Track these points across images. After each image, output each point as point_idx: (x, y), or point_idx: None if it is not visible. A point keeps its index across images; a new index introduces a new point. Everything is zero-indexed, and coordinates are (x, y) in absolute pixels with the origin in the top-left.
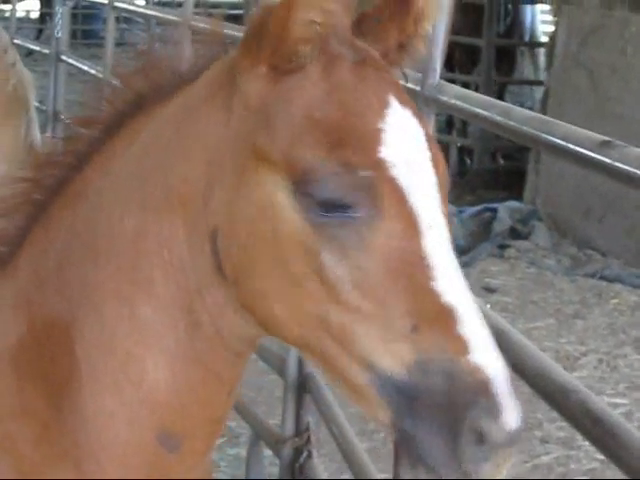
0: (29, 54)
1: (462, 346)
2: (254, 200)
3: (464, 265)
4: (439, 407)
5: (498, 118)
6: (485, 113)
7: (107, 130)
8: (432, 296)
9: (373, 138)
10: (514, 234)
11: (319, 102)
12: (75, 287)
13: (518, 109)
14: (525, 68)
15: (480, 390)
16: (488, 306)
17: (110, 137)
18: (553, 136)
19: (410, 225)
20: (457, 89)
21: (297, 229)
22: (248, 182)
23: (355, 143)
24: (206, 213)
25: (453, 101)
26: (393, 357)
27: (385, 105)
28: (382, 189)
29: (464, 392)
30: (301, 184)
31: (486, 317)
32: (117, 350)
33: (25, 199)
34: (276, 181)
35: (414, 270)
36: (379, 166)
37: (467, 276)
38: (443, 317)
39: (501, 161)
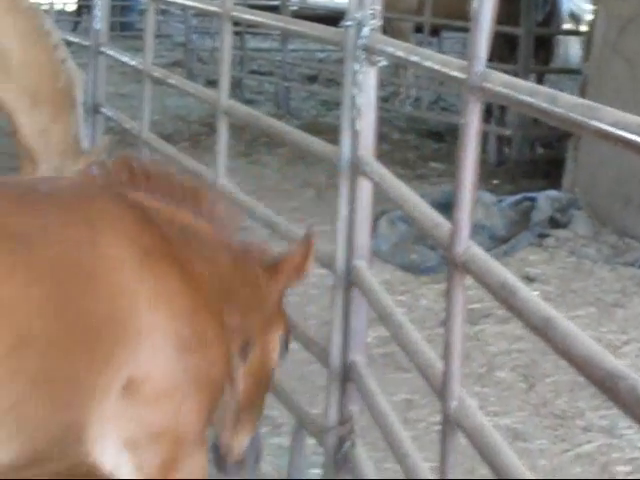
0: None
1: None
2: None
3: (504, 254)
4: None
5: (544, 105)
6: (531, 100)
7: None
8: None
9: None
10: (553, 223)
11: None
12: None
13: (564, 95)
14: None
15: None
16: (536, 293)
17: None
18: (601, 122)
19: None
20: (502, 77)
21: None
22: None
23: None
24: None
25: (498, 89)
26: None
27: None
28: None
29: None
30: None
31: (532, 304)
32: None
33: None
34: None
35: None
36: None
37: (506, 265)
38: None
39: (540, 150)
